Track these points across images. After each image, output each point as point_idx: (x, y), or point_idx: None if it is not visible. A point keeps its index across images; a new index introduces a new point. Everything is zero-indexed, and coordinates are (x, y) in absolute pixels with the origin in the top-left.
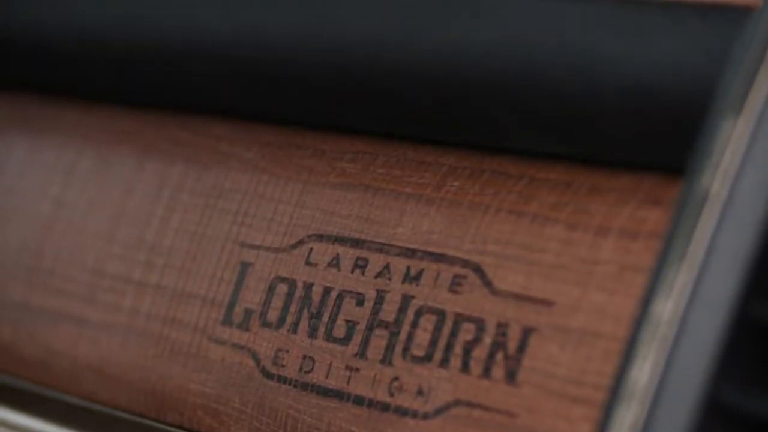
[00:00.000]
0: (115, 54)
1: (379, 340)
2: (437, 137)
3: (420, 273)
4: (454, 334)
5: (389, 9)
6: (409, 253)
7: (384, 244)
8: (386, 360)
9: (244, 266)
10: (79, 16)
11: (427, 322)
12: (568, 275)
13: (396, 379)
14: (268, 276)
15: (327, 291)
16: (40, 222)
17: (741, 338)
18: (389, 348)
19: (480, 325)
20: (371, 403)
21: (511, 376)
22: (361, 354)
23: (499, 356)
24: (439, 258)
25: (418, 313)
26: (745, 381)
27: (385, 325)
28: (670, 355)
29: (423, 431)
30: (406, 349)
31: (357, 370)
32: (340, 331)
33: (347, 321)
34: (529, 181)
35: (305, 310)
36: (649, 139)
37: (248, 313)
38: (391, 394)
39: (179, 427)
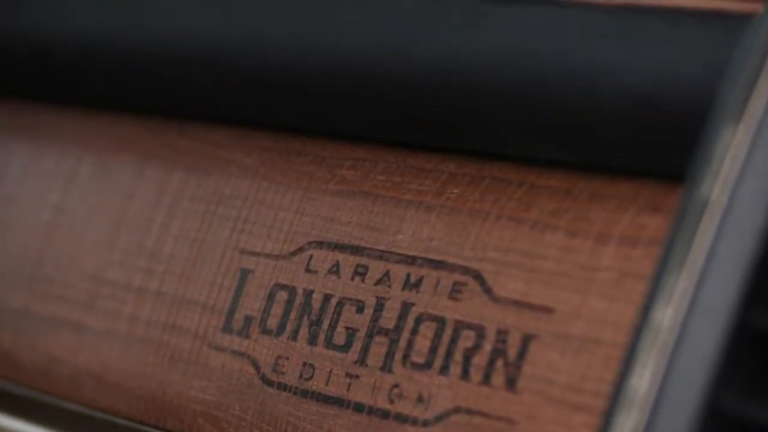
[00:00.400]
0: (114, 61)
1: (379, 347)
2: (437, 144)
3: (420, 280)
4: (454, 341)
5: (389, 16)
6: (409, 260)
7: (384, 251)
8: (386, 367)
9: (244, 273)
10: (78, 24)
11: (427, 329)
12: (568, 282)
13: (396, 386)
14: (268, 283)
15: (327, 298)
16: (40, 229)
17: (741, 345)
18: (389, 355)
19: (480, 332)
20: (371, 410)
21: (511, 383)
22: (361, 361)
23: (499, 363)
24: (439, 265)
25: (418, 320)
26: (745, 388)
27: (385, 332)
28: (670, 362)
29: None
30: (406, 356)
31: (357, 377)
32: (340, 338)
33: (347, 328)
34: (529, 188)
35: (305, 317)
36: (649, 146)
37: (248, 320)
38: (391, 401)
39: None
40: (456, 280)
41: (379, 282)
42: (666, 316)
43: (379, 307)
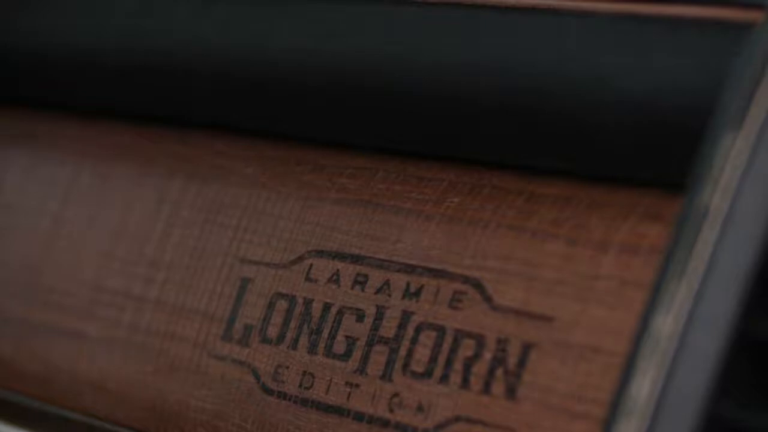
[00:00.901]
0: (114, 69)
1: (379, 356)
2: (437, 153)
3: (420, 289)
4: (454, 350)
5: (389, 26)
6: (409, 269)
7: (384, 260)
8: (386, 376)
9: (244, 282)
10: (78, 31)
11: (427, 338)
12: (568, 290)
13: (396, 395)
14: (268, 292)
15: (327, 307)
16: (39, 238)
17: (741, 354)
18: (389, 364)
19: (480, 340)
20: (371, 419)
21: (511, 392)
22: (361, 370)
23: (499, 372)
24: (439, 274)
25: (418, 329)
26: (745, 396)
27: (385, 341)
28: (670, 370)
29: None
30: (406, 365)
31: (357, 386)
32: (340, 347)
33: (347, 337)
34: (529, 197)
35: (305, 326)
36: (649, 155)
37: (248, 328)
38: (391, 410)
39: None
40: (456, 289)
41: (379, 291)
42: (666, 324)
43: (379, 316)
